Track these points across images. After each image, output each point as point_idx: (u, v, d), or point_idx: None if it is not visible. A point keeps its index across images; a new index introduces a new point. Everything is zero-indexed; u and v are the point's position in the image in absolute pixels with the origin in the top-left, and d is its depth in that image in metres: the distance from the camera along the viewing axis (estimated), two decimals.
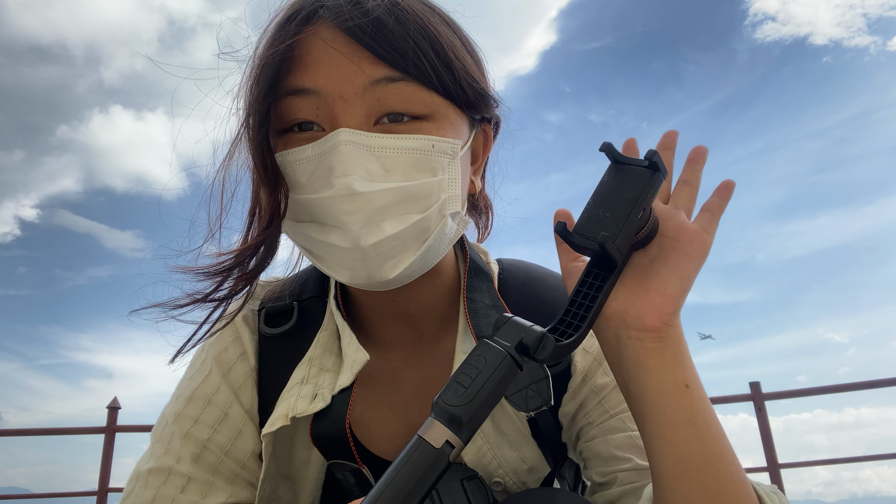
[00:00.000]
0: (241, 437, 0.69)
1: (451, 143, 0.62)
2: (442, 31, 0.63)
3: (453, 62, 0.62)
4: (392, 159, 0.59)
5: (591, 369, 0.72)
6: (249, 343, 0.73)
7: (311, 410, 0.65)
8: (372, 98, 0.59)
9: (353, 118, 0.59)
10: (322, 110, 0.60)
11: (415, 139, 0.60)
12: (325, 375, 0.69)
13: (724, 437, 0.54)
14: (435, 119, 0.62)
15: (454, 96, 0.62)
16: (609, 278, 0.55)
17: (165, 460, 0.66)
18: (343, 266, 0.61)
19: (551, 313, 0.74)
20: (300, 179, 0.60)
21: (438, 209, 0.62)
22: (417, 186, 0.60)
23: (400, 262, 0.61)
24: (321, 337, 0.72)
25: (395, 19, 0.59)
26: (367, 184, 0.57)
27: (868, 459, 3.71)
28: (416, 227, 0.60)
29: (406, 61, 0.58)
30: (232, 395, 0.70)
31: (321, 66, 0.59)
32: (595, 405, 0.70)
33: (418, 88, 0.60)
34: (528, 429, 0.70)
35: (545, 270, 0.81)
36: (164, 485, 0.65)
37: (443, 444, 0.45)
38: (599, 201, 0.55)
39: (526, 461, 0.71)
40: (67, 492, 4.13)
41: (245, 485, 0.70)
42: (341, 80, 0.58)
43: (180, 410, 0.69)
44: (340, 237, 0.59)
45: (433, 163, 0.61)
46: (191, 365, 0.75)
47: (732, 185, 0.61)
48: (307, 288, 0.77)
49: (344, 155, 0.57)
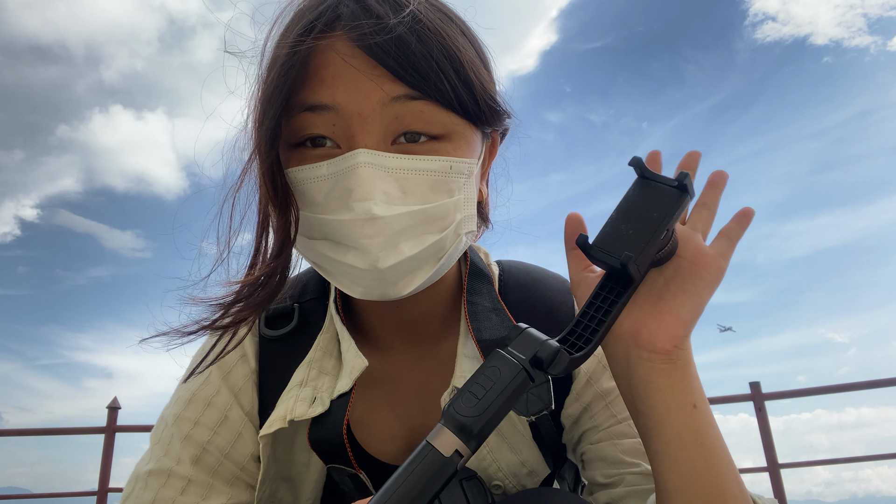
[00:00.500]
0: (241, 439, 0.69)
1: (467, 164, 0.62)
2: (462, 47, 0.61)
3: (473, 81, 0.60)
4: (410, 181, 0.58)
5: (596, 373, 0.72)
6: (250, 345, 0.73)
7: (310, 415, 0.65)
8: (390, 115, 0.57)
9: (370, 137, 0.57)
10: (339, 127, 0.58)
11: (433, 160, 0.59)
12: (325, 379, 0.69)
13: (729, 456, 0.55)
14: (452, 139, 0.61)
15: (471, 115, 0.61)
16: (625, 294, 0.55)
17: (165, 462, 0.66)
18: (357, 284, 0.61)
19: (551, 314, 0.74)
20: (315, 198, 0.59)
21: (454, 229, 0.62)
22: (435, 208, 0.59)
23: (414, 279, 0.61)
24: (321, 340, 0.72)
25: (418, 38, 0.57)
26: (386, 207, 0.56)
27: (868, 459, 3.71)
28: (432, 248, 0.60)
29: (427, 83, 0.57)
30: (232, 398, 0.70)
31: (339, 81, 0.57)
32: (601, 409, 0.70)
33: (437, 109, 0.58)
34: (529, 431, 0.70)
35: (546, 272, 0.81)
36: (163, 487, 0.65)
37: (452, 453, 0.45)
38: (623, 216, 0.54)
39: (526, 464, 0.71)
40: (67, 492, 4.13)
41: (244, 486, 0.70)
42: (359, 97, 0.57)
43: (180, 412, 0.69)
44: (357, 258, 0.58)
45: (450, 184, 0.60)
46: (191, 366, 0.74)
47: (752, 213, 0.61)
48: (308, 290, 0.77)
49: (363, 178, 0.56)
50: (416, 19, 0.58)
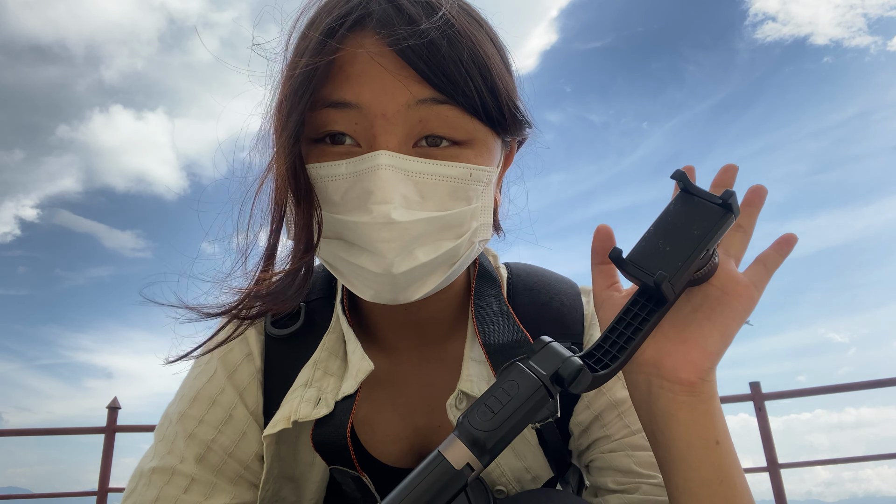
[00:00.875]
0: (245, 438, 0.69)
1: (487, 172, 0.61)
2: (490, 53, 0.60)
3: (499, 89, 0.60)
4: (430, 186, 0.58)
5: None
6: (255, 344, 0.73)
7: (314, 416, 0.65)
8: (414, 118, 0.57)
9: (392, 138, 0.56)
10: (361, 126, 0.57)
11: (454, 167, 0.58)
12: (330, 380, 0.68)
13: (749, 492, 0.54)
14: (474, 146, 0.60)
15: (494, 122, 0.60)
16: (656, 314, 0.52)
17: (169, 460, 0.66)
18: (368, 286, 0.60)
19: (560, 318, 0.73)
20: (332, 197, 0.58)
21: (469, 237, 0.61)
22: (452, 216, 0.59)
23: (425, 284, 0.60)
24: (327, 340, 0.71)
25: (448, 42, 0.56)
26: (404, 212, 0.56)
27: (868, 459, 3.71)
28: (447, 255, 0.60)
29: (455, 87, 0.56)
30: (237, 397, 0.70)
31: (365, 79, 0.56)
32: (614, 418, 0.69)
33: (462, 114, 0.58)
34: (535, 438, 0.70)
35: (554, 275, 0.80)
36: (167, 485, 0.65)
37: (463, 466, 0.44)
38: (662, 231, 0.52)
39: (530, 470, 0.70)
40: (67, 492, 4.13)
41: (248, 486, 0.69)
42: (385, 98, 0.56)
43: (185, 410, 0.69)
44: (372, 262, 0.57)
45: (469, 191, 0.60)
46: (196, 364, 0.74)
47: (794, 239, 0.58)
48: (315, 289, 0.76)
49: (383, 180, 0.55)
50: (448, 23, 0.57)
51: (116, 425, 3.98)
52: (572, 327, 0.73)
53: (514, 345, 0.67)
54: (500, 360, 0.66)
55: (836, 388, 3.84)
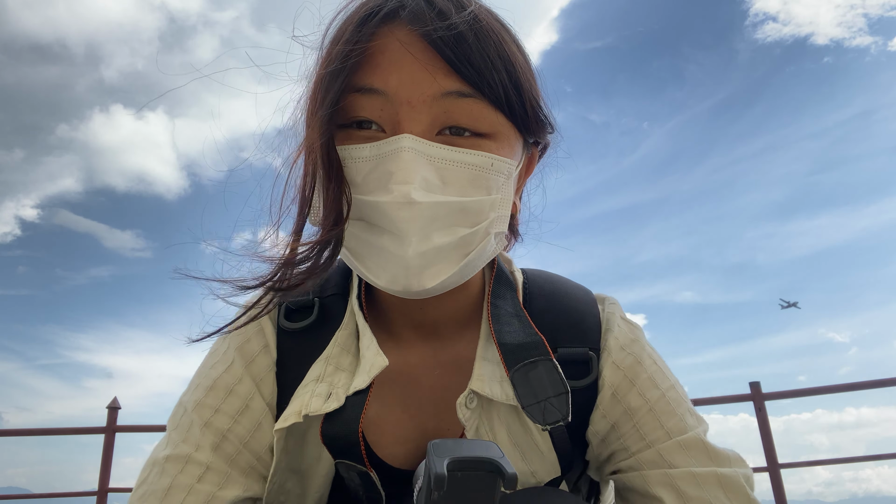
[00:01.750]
0: (260, 429, 0.69)
1: (508, 164, 0.62)
2: (515, 52, 0.63)
3: (523, 85, 0.62)
4: (451, 172, 0.59)
5: (622, 388, 0.70)
6: (272, 336, 0.73)
7: (325, 410, 0.65)
8: (439, 109, 0.59)
9: (416, 125, 0.58)
10: (386, 112, 0.59)
11: (476, 155, 0.60)
12: (341, 375, 0.68)
13: None
14: (496, 139, 0.61)
15: (518, 118, 0.62)
16: None
17: (184, 448, 0.66)
18: (384, 269, 0.60)
19: (577, 324, 0.73)
20: (355, 178, 0.60)
21: (486, 227, 0.62)
22: (471, 203, 0.60)
23: (439, 273, 0.60)
24: (340, 336, 0.71)
25: (475, 35, 0.59)
26: (424, 194, 0.57)
27: (869, 459, 3.71)
28: (461, 241, 0.60)
29: (481, 78, 0.58)
30: (254, 387, 0.70)
31: (393, 67, 0.58)
32: (630, 429, 0.69)
33: (486, 107, 0.60)
34: (546, 442, 0.69)
35: (571, 283, 0.80)
36: (181, 473, 0.64)
37: None
38: None
39: (535, 475, 0.70)
40: (67, 492, 4.13)
41: (258, 477, 0.69)
42: (412, 86, 0.58)
43: (201, 399, 0.69)
44: (391, 241, 0.58)
45: (489, 181, 0.61)
46: (211, 354, 0.74)
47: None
48: (330, 284, 0.76)
49: (405, 161, 0.57)
50: (476, 19, 0.59)
51: (116, 425, 3.98)
52: (589, 334, 0.73)
53: (530, 346, 0.67)
54: (515, 360, 0.66)
55: (836, 388, 3.84)
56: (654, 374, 0.71)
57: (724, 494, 0.64)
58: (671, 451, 0.66)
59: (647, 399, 0.69)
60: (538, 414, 0.64)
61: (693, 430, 0.68)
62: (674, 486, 0.64)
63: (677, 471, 0.65)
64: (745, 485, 0.65)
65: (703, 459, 0.66)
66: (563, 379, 0.65)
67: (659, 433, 0.68)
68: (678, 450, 0.66)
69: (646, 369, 0.71)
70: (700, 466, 0.65)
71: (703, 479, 0.64)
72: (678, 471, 0.65)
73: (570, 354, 0.70)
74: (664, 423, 0.68)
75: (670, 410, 0.69)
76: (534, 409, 0.64)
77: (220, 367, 0.71)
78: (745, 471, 0.67)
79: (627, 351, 0.71)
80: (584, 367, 0.70)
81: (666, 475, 0.65)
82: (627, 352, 0.71)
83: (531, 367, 0.66)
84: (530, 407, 0.64)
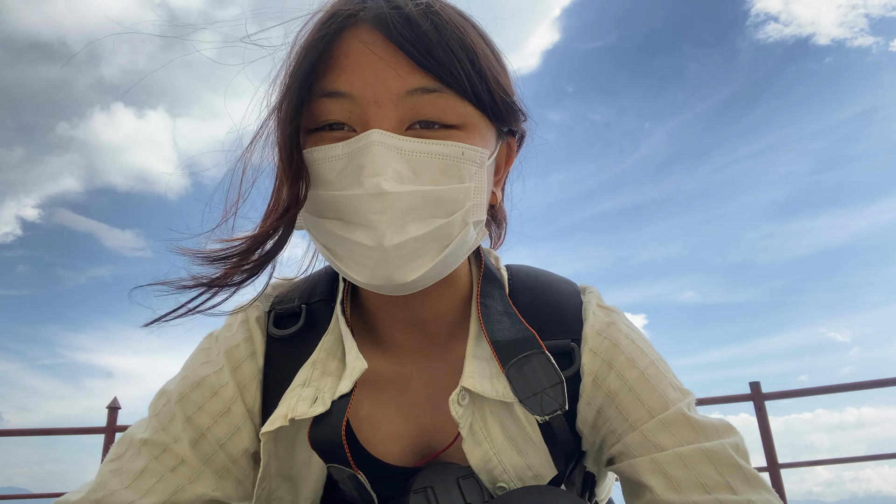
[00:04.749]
0: (238, 433, 0.70)
1: (479, 152, 0.63)
2: (476, 40, 0.63)
3: (487, 73, 0.62)
4: (422, 163, 0.59)
5: (601, 373, 0.70)
6: (260, 344, 0.74)
7: (310, 414, 0.65)
8: (406, 106, 0.59)
9: (385, 122, 0.59)
10: (355, 113, 0.60)
11: (445, 145, 0.60)
12: (328, 379, 0.69)
13: None
14: (466, 129, 0.62)
15: (486, 107, 0.63)
16: None
17: (163, 436, 0.67)
18: (363, 265, 0.61)
19: (561, 316, 0.74)
20: (328, 177, 0.61)
21: (462, 216, 0.62)
22: (444, 191, 0.60)
23: (420, 265, 0.61)
24: (325, 341, 0.72)
25: (434, 26, 0.59)
26: (396, 185, 0.58)
27: (869, 459, 3.71)
28: (439, 232, 0.61)
29: (444, 70, 0.59)
30: (237, 393, 0.71)
31: (358, 69, 0.59)
32: (613, 412, 0.69)
33: (453, 98, 0.60)
34: (539, 435, 0.70)
35: (553, 276, 0.81)
36: (155, 459, 0.66)
37: None
38: None
39: (532, 468, 0.70)
40: (67, 492, 4.12)
41: (233, 480, 0.70)
42: (377, 85, 0.59)
43: (186, 393, 0.70)
44: (365, 235, 0.59)
45: (461, 170, 0.61)
46: (201, 351, 0.75)
47: None
48: (317, 291, 0.78)
49: (375, 155, 0.57)
50: (433, 11, 0.61)
51: (116, 425, 3.98)
52: (571, 325, 0.74)
53: (522, 341, 0.68)
54: (509, 356, 0.67)
55: (837, 388, 3.84)
56: (631, 354, 0.70)
57: (713, 469, 0.62)
58: (655, 431, 0.66)
59: (626, 379, 0.69)
60: (536, 406, 0.65)
61: (675, 405, 0.67)
62: (662, 472, 0.63)
63: (663, 454, 0.64)
64: (735, 454, 0.64)
65: (687, 435, 0.65)
66: (557, 369, 0.66)
67: (641, 412, 0.67)
68: (661, 429, 0.66)
69: (622, 350, 0.70)
70: (685, 444, 0.64)
71: (690, 458, 0.63)
72: (664, 454, 0.64)
73: (555, 346, 0.71)
74: (645, 402, 0.67)
75: (650, 388, 0.68)
76: (531, 402, 0.65)
77: (209, 367, 0.72)
78: (733, 439, 0.66)
79: (603, 336, 0.72)
80: (567, 357, 0.71)
81: (653, 461, 0.64)
82: (603, 336, 0.72)
83: (525, 361, 0.66)
84: (527, 400, 0.65)
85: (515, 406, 0.68)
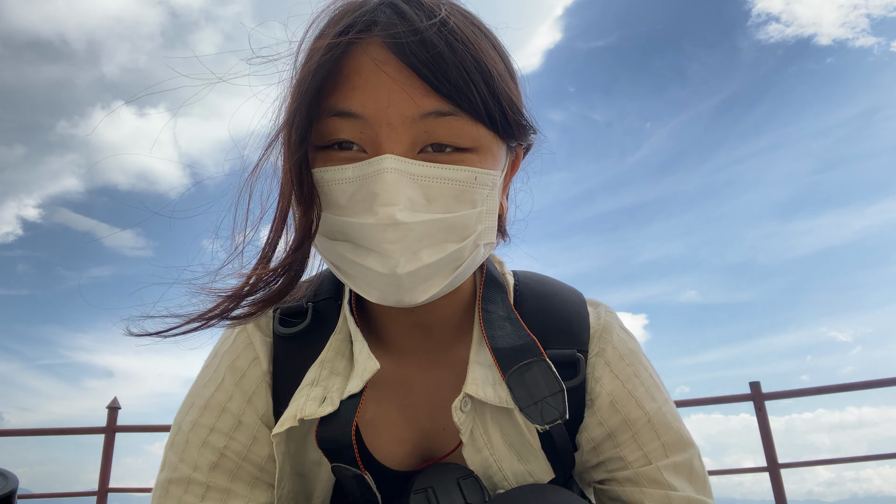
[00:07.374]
0: (257, 442, 0.70)
1: (492, 176, 0.62)
2: (491, 57, 0.61)
3: (502, 95, 0.60)
4: (435, 189, 0.58)
5: (621, 397, 0.71)
6: (262, 347, 0.73)
7: (319, 414, 0.65)
8: (419, 129, 0.58)
9: (398, 146, 0.57)
10: (366, 134, 0.58)
11: (459, 171, 0.59)
12: (336, 379, 0.69)
13: None
14: (479, 152, 0.61)
15: (499, 128, 0.61)
16: None
17: (183, 469, 0.67)
18: (374, 288, 0.61)
19: (567, 326, 0.74)
20: (339, 200, 0.59)
21: (474, 240, 0.62)
22: (457, 218, 0.59)
23: (430, 287, 0.61)
24: (334, 340, 0.72)
25: (448, 45, 0.57)
26: (410, 214, 0.56)
27: (870, 459, 3.70)
28: (451, 257, 0.60)
29: (459, 94, 0.57)
30: (245, 402, 0.70)
31: (370, 89, 0.57)
32: (628, 440, 0.70)
33: (467, 122, 0.58)
34: (538, 442, 0.70)
35: (561, 284, 0.81)
36: (184, 493, 0.66)
37: None
38: None
39: (532, 474, 0.70)
40: (67, 492, 4.13)
41: (265, 486, 0.70)
42: (390, 109, 0.57)
43: (196, 419, 0.69)
44: (377, 262, 0.58)
45: (474, 195, 0.60)
46: (204, 372, 0.75)
47: None
48: (322, 289, 0.77)
49: (389, 183, 0.56)
50: (449, 29, 0.58)
51: (116, 425, 3.98)
52: (577, 335, 0.73)
53: (523, 348, 0.68)
54: (509, 363, 0.67)
55: (837, 388, 3.84)
56: (650, 388, 0.73)
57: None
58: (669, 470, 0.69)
59: (646, 411, 0.70)
60: (536, 414, 0.65)
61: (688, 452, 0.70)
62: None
63: (678, 494, 0.67)
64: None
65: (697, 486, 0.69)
66: (558, 378, 0.66)
67: (657, 448, 0.69)
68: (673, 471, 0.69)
69: (643, 382, 0.72)
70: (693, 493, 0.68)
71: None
72: (678, 495, 0.67)
73: (559, 356, 0.70)
74: (661, 436, 0.70)
75: (667, 424, 0.70)
76: (531, 411, 0.65)
77: (212, 385, 0.71)
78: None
79: (627, 361, 0.73)
80: (572, 368, 0.71)
81: (668, 497, 0.67)
82: (627, 363, 0.73)
83: (526, 369, 0.66)
84: (528, 408, 0.65)
85: (516, 413, 0.68)
